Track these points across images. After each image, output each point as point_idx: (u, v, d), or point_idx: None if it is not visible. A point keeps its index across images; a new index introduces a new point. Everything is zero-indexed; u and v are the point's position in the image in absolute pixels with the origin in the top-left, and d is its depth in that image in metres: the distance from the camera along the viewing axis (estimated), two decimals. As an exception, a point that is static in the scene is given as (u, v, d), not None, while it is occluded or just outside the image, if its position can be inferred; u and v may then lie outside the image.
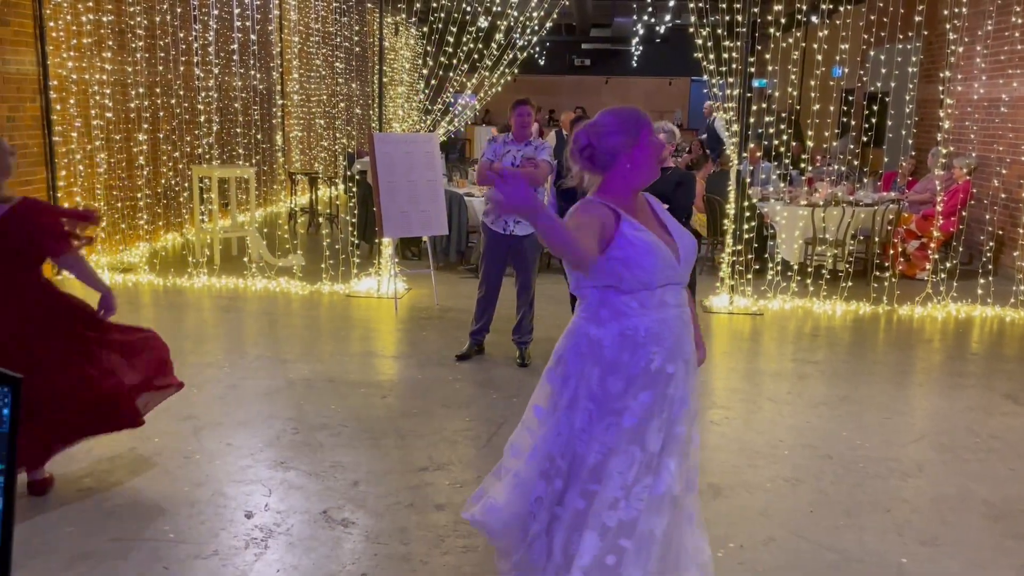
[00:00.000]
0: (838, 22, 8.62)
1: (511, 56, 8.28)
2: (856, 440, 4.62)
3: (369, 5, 16.25)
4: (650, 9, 17.27)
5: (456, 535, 3.47)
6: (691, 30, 7.60)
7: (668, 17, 17.99)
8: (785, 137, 8.53)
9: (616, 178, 2.48)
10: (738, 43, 7.39)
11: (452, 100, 8.51)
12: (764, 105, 8.22)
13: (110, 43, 8.60)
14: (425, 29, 8.37)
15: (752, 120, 7.60)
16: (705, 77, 7.62)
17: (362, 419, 4.76)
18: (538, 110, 13.33)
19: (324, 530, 3.50)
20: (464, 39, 8.11)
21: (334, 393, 5.17)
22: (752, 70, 7.43)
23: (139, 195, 9.21)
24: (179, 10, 9.70)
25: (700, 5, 7.42)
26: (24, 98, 7.53)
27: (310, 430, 4.56)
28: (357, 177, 9.37)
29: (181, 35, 9.83)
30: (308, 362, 5.76)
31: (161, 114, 9.62)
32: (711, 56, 7.41)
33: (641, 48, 21.94)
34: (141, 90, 9.13)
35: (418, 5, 8.69)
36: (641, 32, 20.23)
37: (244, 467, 4.08)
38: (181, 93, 9.87)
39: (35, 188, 7.69)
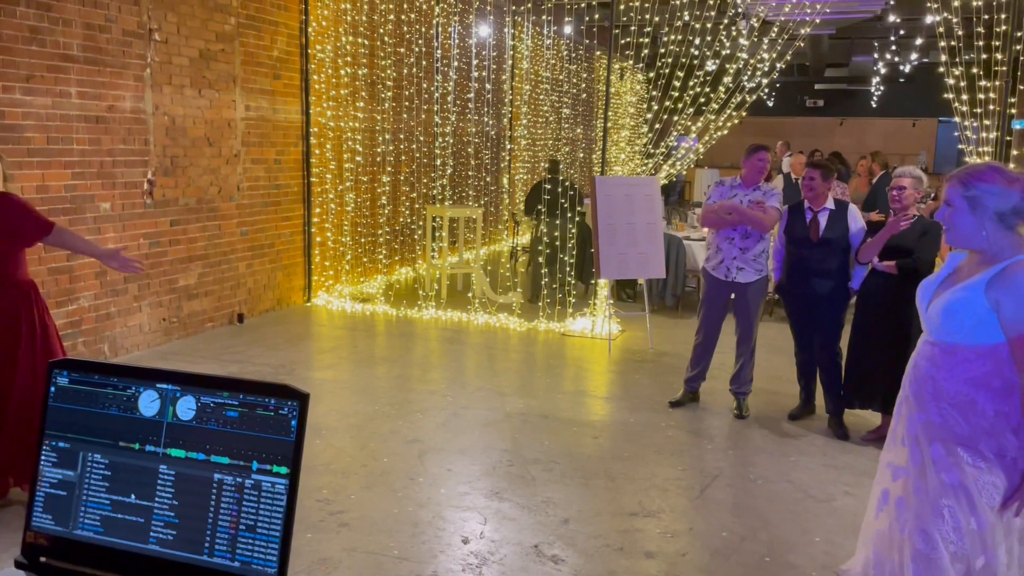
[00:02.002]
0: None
1: (739, 99, 8.15)
2: None
3: (597, 53, 16.69)
4: (893, 47, 16.29)
5: (665, 585, 3.41)
6: (940, 69, 7.08)
7: (914, 55, 16.86)
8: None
9: None
10: (996, 82, 6.78)
11: (675, 143, 8.51)
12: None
13: (363, 93, 9.50)
14: (651, 74, 8.46)
15: (1012, 165, 6.91)
16: (956, 119, 7.05)
17: (574, 457, 4.82)
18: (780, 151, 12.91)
19: (535, 564, 3.58)
20: (691, 83, 8.10)
21: (547, 429, 5.28)
22: (1013, 111, 6.77)
23: (379, 232, 10.02)
24: (424, 63, 10.53)
25: (952, 43, 6.90)
26: (289, 143, 8.50)
27: (524, 463, 4.69)
28: (577, 219, 9.58)
29: (424, 85, 10.65)
30: (523, 397, 5.93)
31: (403, 158, 10.44)
32: (964, 96, 6.85)
33: (882, 88, 20.68)
34: (387, 136, 9.98)
35: (645, 51, 8.81)
36: (882, 71, 19.10)
37: (462, 493, 4.28)
38: (421, 138, 10.67)
39: (293, 223, 8.62)
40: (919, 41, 15.31)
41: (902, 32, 15.05)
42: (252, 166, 7.91)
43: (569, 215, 8.72)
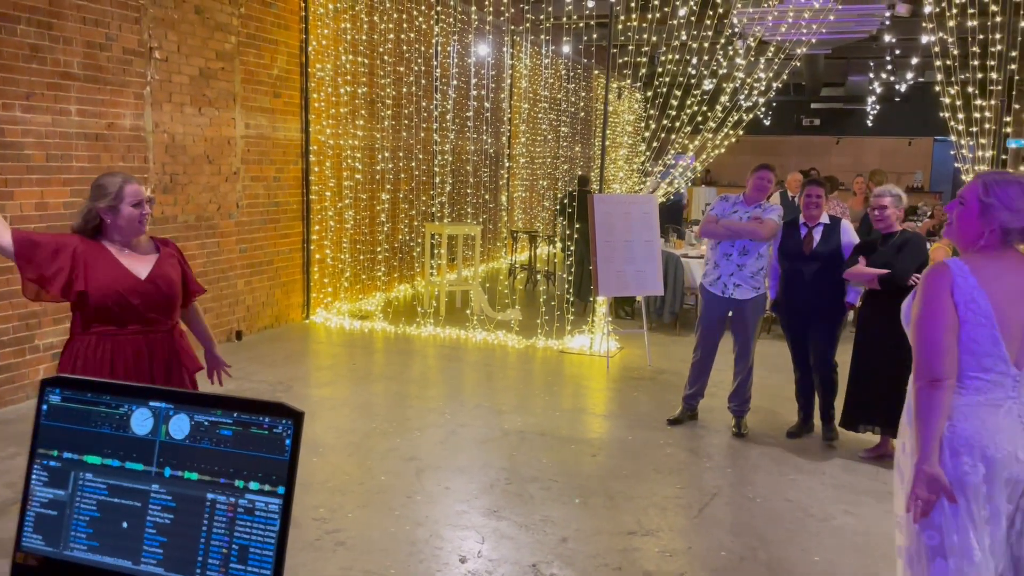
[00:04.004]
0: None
1: (736, 117, 8.19)
2: None
3: (596, 72, 16.78)
4: (889, 67, 16.40)
5: (664, 606, 3.38)
6: (936, 88, 7.12)
7: (910, 75, 16.97)
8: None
9: None
10: (991, 102, 6.82)
11: (672, 162, 8.54)
12: (1022, 167, 7.47)
13: (362, 112, 9.54)
14: (649, 93, 8.51)
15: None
16: (952, 137, 7.08)
17: (572, 475, 4.80)
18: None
19: (532, 583, 3.55)
20: (688, 102, 8.14)
21: (545, 447, 5.26)
22: (1008, 130, 6.81)
23: (378, 249, 10.03)
24: (423, 81, 10.58)
25: (948, 63, 6.94)
26: (288, 161, 8.52)
27: (522, 481, 4.67)
28: (575, 236, 9.60)
29: (424, 104, 10.69)
30: (521, 414, 5.91)
31: (402, 175, 10.47)
32: (960, 115, 6.88)
33: (878, 107, 20.80)
34: (387, 154, 10.01)
35: (643, 70, 8.87)
36: (878, 90, 19.21)
37: (460, 512, 4.25)
38: (420, 156, 10.71)
39: (292, 241, 8.63)
40: (915, 61, 15.40)
41: (898, 52, 15.14)
42: (251, 183, 7.93)
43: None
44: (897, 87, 18.88)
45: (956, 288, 2.37)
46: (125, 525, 1.46)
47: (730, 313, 5.60)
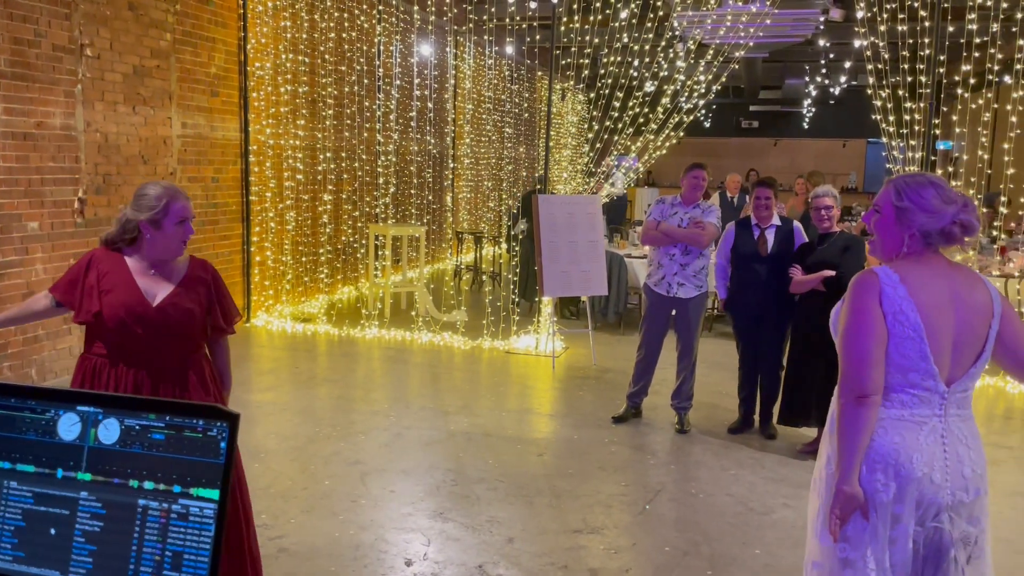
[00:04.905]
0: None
1: (677, 119, 8.31)
2: (1059, 538, 4.15)
3: (539, 73, 16.85)
4: (824, 71, 16.83)
5: (609, 602, 3.40)
6: (869, 91, 7.33)
7: (844, 78, 17.45)
8: (976, 203, 7.98)
9: None
10: (921, 104, 7.05)
11: (615, 163, 8.62)
12: (950, 168, 7.75)
13: (303, 111, 9.40)
14: (592, 94, 8.58)
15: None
16: (883, 139, 7.30)
17: (518, 475, 4.80)
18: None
19: (478, 584, 3.54)
20: (630, 103, 8.23)
21: (491, 448, 5.25)
22: (937, 132, 7.05)
23: (321, 251, 9.89)
24: (366, 81, 10.48)
25: (879, 66, 7.16)
26: (227, 161, 8.35)
27: (468, 483, 4.65)
28: (520, 236, 9.62)
29: (366, 103, 10.59)
30: (467, 415, 5.90)
31: (344, 176, 10.35)
32: (891, 117, 7.10)
33: (813, 110, 21.35)
34: (328, 154, 9.89)
35: (586, 72, 8.94)
36: (814, 93, 19.71)
37: (405, 515, 4.22)
38: (364, 157, 10.60)
39: (231, 243, 8.45)
40: (848, 64, 15.84)
41: (832, 56, 15.56)
42: (189, 184, 7.74)
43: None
44: (832, 90, 19.40)
45: (885, 297, 2.22)
46: (53, 534, 1.41)
47: (674, 312, 5.68)
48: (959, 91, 8.54)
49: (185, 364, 2.87)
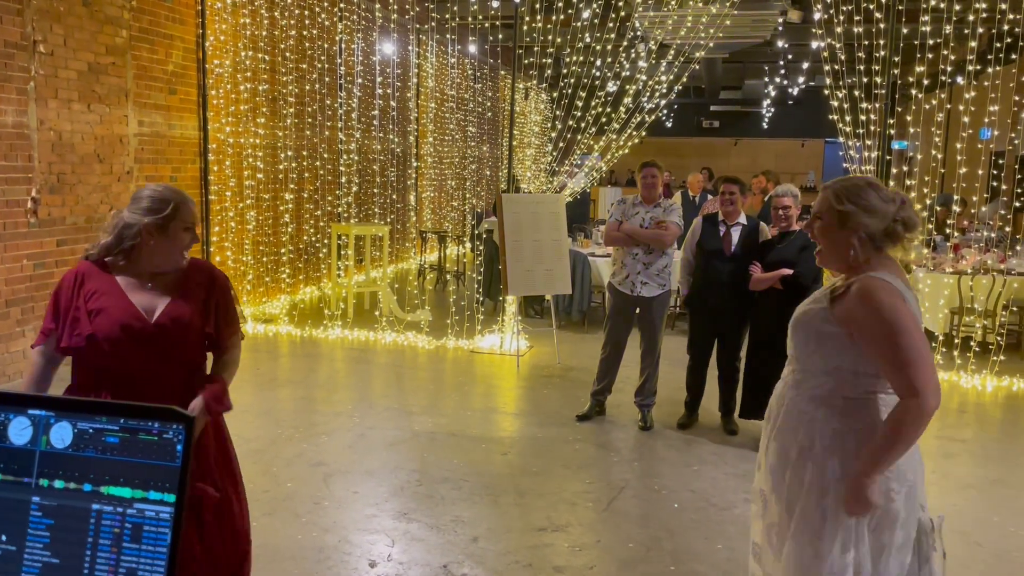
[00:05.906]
0: (986, 83, 8.24)
1: (639, 119, 8.36)
2: (1010, 527, 4.25)
3: (502, 72, 16.85)
4: (783, 71, 17.07)
5: (574, 599, 3.42)
6: (826, 91, 7.45)
7: (801, 79, 17.73)
8: (929, 201, 8.16)
9: None
10: (876, 104, 7.19)
11: (578, 161, 8.66)
12: (905, 168, 7.91)
13: (264, 109, 9.29)
14: (555, 94, 8.60)
15: (892, 183, 7.32)
16: (840, 139, 7.43)
17: (482, 475, 4.80)
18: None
19: (443, 584, 3.53)
20: (593, 103, 8.27)
21: (456, 447, 5.24)
22: (892, 132, 7.19)
23: (282, 251, 9.78)
24: (327, 79, 10.38)
25: (836, 67, 7.28)
26: (186, 160, 8.22)
27: (432, 483, 4.64)
28: (484, 236, 9.61)
29: (328, 102, 10.50)
30: (432, 415, 5.88)
31: (306, 175, 10.25)
32: (847, 118, 7.23)
33: (772, 110, 21.65)
34: (290, 153, 9.78)
35: (549, 71, 8.97)
36: (773, 94, 19.99)
37: (369, 516, 4.19)
38: (325, 155, 10.51)
39: (192, 242, 8.32)
40: (806, 65, 16.10)
41: (790, 57, 15.80)
42: (146, 183, 7.60)
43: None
44: (790, 91, 19.70)
45: (907, 303, 2.23)
46: (4, 539, 1.38)
47: (637, 310, 5.72)
48: (913, 92, 8.73)
49: (189, 381, 2.63)
